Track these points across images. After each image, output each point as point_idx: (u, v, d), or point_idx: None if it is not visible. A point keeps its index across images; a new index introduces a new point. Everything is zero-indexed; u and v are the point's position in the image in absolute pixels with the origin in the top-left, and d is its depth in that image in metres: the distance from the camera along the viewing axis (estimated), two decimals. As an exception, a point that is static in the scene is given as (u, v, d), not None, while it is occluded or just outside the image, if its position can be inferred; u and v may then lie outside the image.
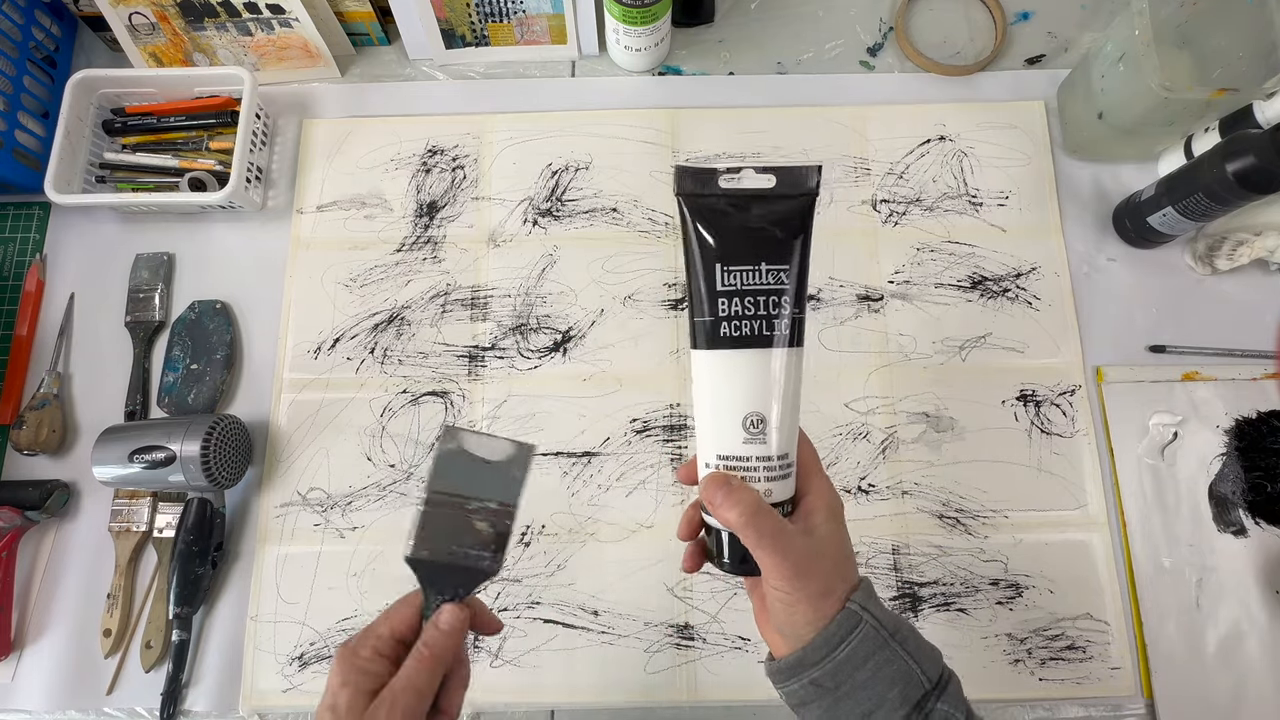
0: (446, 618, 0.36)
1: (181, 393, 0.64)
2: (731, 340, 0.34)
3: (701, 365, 0.36)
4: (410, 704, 0.34)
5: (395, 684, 0.34)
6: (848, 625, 0.34)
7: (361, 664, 0.35)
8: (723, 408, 0.35)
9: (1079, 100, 0.66)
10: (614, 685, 0.58)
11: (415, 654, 0.35)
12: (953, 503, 0.61)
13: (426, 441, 0.63)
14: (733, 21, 0.75)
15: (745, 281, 0.34)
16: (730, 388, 0.35)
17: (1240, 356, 0.63)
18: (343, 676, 0.34)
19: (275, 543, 0.61)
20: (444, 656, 0.36)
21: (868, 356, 0.64)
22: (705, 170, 0.35)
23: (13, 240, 0.69)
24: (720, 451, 0.35)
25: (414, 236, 0.68)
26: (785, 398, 0.35)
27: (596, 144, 0.70)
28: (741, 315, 0.34)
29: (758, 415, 0.34)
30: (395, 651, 0.36)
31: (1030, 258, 0.66)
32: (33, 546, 0.62)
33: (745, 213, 0.35)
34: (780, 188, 0.35)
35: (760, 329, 0.34)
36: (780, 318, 0.34)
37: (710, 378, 0.35)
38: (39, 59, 0.70)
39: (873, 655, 0.33)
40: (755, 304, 0.34)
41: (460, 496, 0.38)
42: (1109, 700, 0.57)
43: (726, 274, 0.34)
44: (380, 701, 0.34)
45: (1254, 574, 0.59)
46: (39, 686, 0.59)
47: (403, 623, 0.37)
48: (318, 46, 0.69)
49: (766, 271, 0.34)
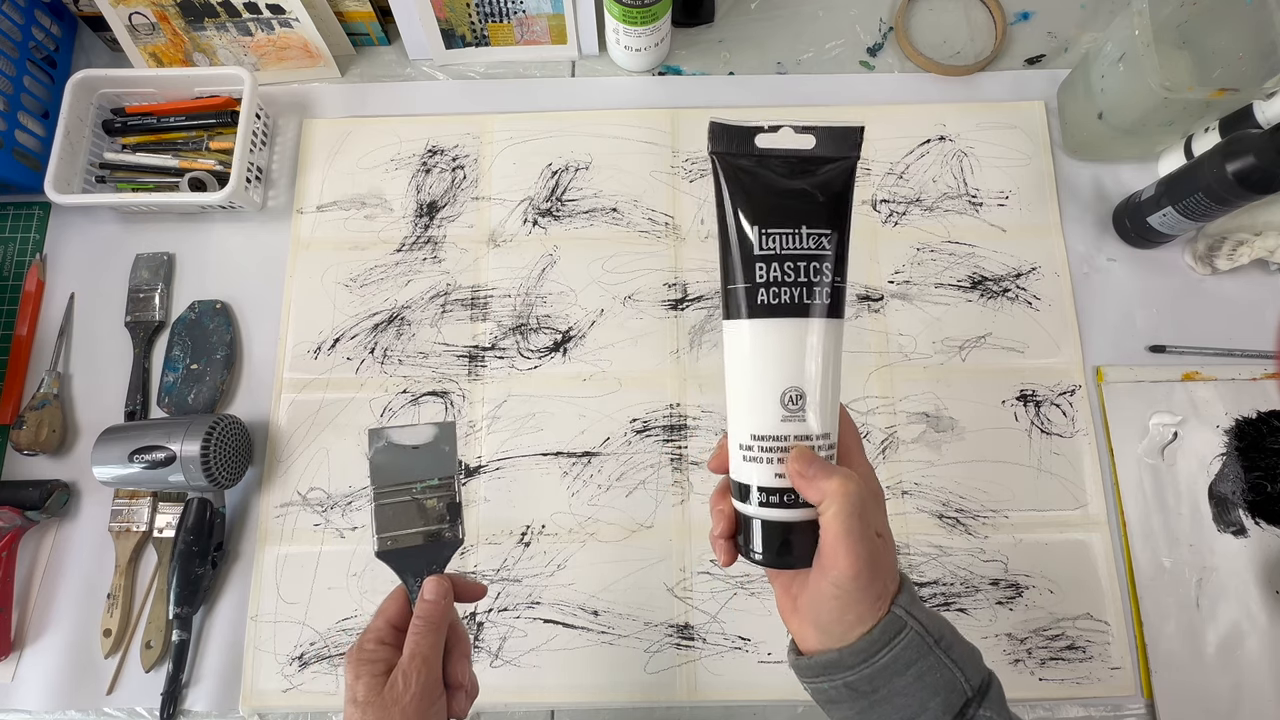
0: (430, 588, 0.40)
1: (181, 393, 0.64)
2: (769, 309, 0.31)
3: (736, 336, 0.33)
4: (421, 671, 0.37)
5: (403, 660, 0.37)
6: (892, 630, 0.32)
7: (367, 654, 0.38)
8: (759, 382, 0.32)
9: (1079, 100, 0.66)
10: (614, 685, 0.58)
11: (412, 628, 0.38)
12: (953, 503, 0.61)
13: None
14: (733, 21, 0.75)
15: (785, 246, 0.31)
16: (767, 361, 0.32)
17: (1240, 356, 0.63)
18: (355, 671, 0.37)
19: (275, 543, 0.61)
20: (438, 622, 0.39)
21: (868, 356, 0.64)
22: (742, 128, 0.32)
23: (13, 240, 0.69)
24: (756, 430, 0.32)
25: (414, 236, 0.68)
26: (827, 371, 0.32)
27: (596, 144, 0.70)
28: (781, 282, 0.31)
29: (797, 391, 0.32)
30: (395, 639, 0.39)
31: (1030, 258, 0.66)
32: (33, 546, 0.62)
33: (784, 174, 0.32)
34: (820, 149, 0.32)
35: (800, 296, 0.31)
36: (821, 285, 0.32)
37: (746, 349, 0.32)
38: (39, 59, 0.70)
39: (915, 663, 0.32)
40: (795, 270, 0.31)
41: (403, 485, 0.42)
42: (1109, 700, 0.57)
43: (765, 237, 0.31)
44: (394, 678, 0.37)
45: (1254, 574, 0.59)
46: (39, 686, 0.59)
47: (396, 612, 0.40)
48: (318, 46, 0.69)
49: (807, 236, 0.32)
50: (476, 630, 0.59)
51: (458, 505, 0.42)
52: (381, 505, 0.41)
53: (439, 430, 0.43)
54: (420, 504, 0.41)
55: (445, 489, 0.42)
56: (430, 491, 0.42)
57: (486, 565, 0.60)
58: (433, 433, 0.42)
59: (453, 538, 0.42)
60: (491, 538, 0.61)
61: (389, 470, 0.42)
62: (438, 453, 0.42)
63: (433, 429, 0.42)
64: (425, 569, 0.41)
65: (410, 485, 0.42)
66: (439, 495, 0.42)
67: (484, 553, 0.61)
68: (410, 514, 0.41)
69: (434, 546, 0.41)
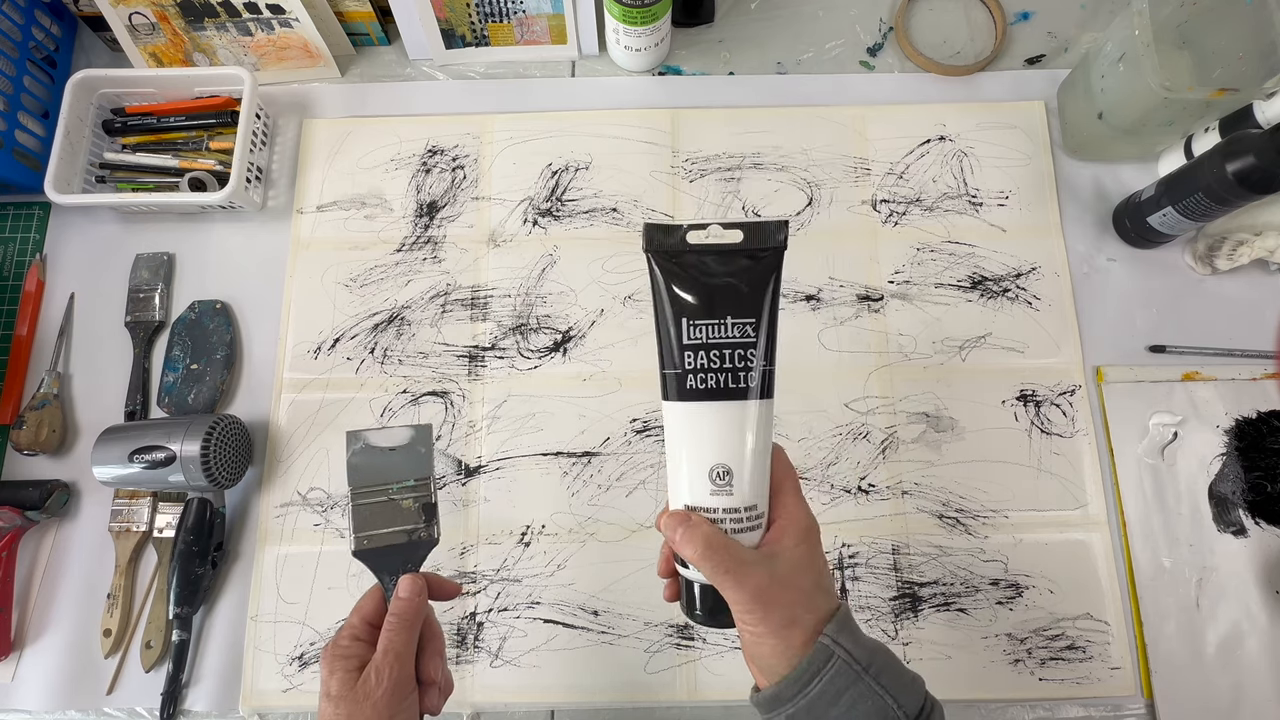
0: (404, 586, 0.40)
1: (181, 393, 0.64)
2: (698, 393, 0.35)
3: (670, 416, 0.36)
4: (393, 666, 0.38)
5: (376, 656, 0.38)
6: (820, 660, 0.33)
7: (341, 650, 0.39)
8: (690, 459, 0.35)
9: (1079, 100, 0.66)
10: (614, 685, 0.58)
11: (386, 624, 0.39)
12: (953, 503, 0.61)
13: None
14: (733, 21, 0.75)
15: (710, 335, 0.35)
16: (697, 439, 0.35)
17: (1240, 356, 0.63)
18: (329, 666, 0.38)
19: (275, 543, 0.61)
20: (412, 619, 0.40)
21: (868, 356, 0.64)
22: (671, 226, 0.36)
23: (13, 240, 0.69)
24: (689, 502, 0.36)
25: (414, 236, 0.68)
26: (754, 449, 0.35)
27: (596, 144, 0.70)
28: (708, 368, 0.34)
29: (724, 467, 0.35)
30: (370, 635, 0.40)
31: (1030, 258, 0.66)
32: (33, 546, 0.62)
33: (711, 268, 0.35)
34: (748, 242, 0.35)
35: (727, 381, 0.34)
36: (747, 370, 0.35)
37: (678, 429, 0.35)
38: (39, 59, 0.70)
39: (845, 691, 0.33)
40: (721, 357, 0.34)
41: (380, 486, 0.42)
42: (1109, 700, 0.57)
43: (692, 327, 0.35)
44: (367, 673, 0.37)
45: (1254, 574, 0.59)
46: (39, 686, 0.59)
47: (371, 609, 0.41)
48: (318, 46, 0.69)
49: (733, 325, 0.35)
50: (476, 630, 0.59)
51: (433, 506, 0.43)
52: (358, 505, 0.42)
53: (415, 433, 0.43)
54: (396, 504, 0.42)
55: (421, 490, 0.43)
56: (406, 492, 0.42)
57: (486, 565, 0.60)
58: (409, 435, 0.43)
59: (428, 537, 0.43)
60: (491, 538, 0.61)
61: (366, 471, 0.43)
62: (414, 454, 0.43)
63: (409, 431, 0.43)
64: (401, 567, 0.41)
65: (387, 486, 0.42)
66: (415, 496, 0.43)
67: (484, 553, 0.61)
68: (386, 514, 0.42)
69: (409, 546, 0.42)
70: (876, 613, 0.59)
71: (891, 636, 0.58)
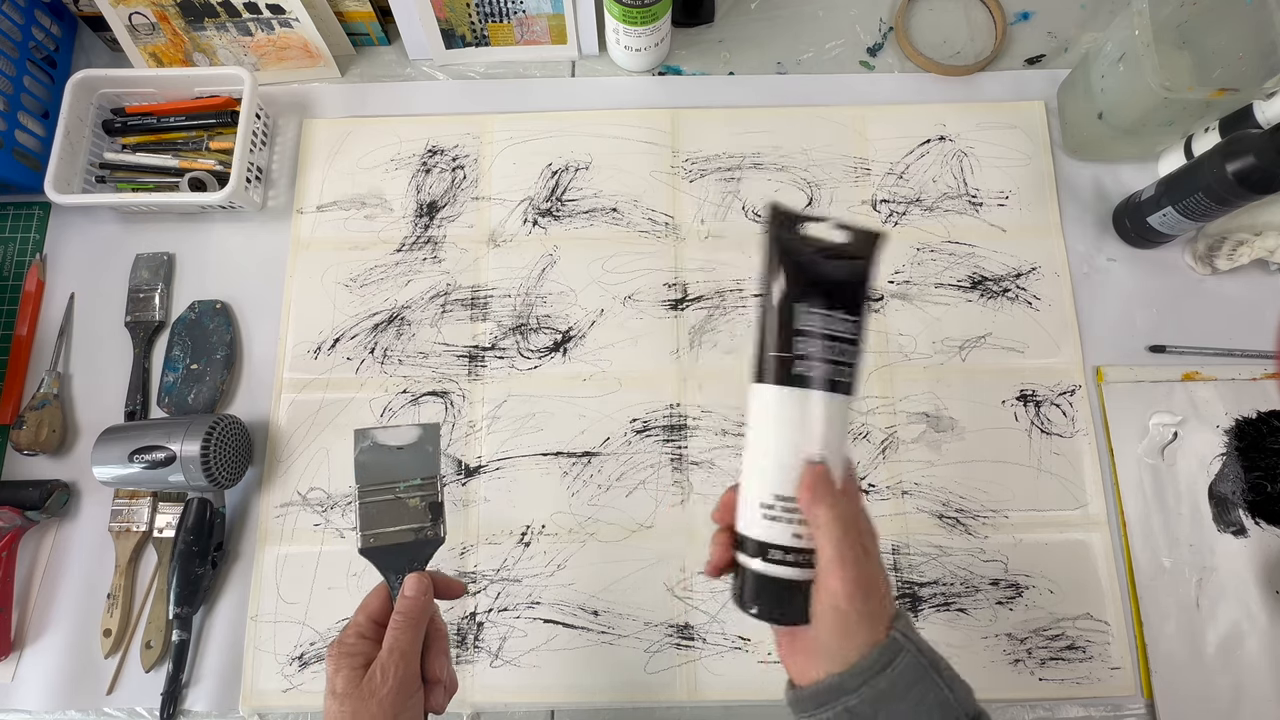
0: (410, 585, 0.41)
1: (181, 393, 0.64)
2: (804, 380, 0.34)
3: (768, 401, 0.35)
4: (399, 664, 0.38)
5: (381, 654, 0.38)
6: (891, 652, 0.33)
7: (347, 648, 0.39)
8: (785, 447, 0.35)
9: (1079, 100, 0.66)
10: (614, 685, 0.58)
11: (392, 623, 0.39)
12: (953, 503, 0.61)
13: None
14: (733, 21, 0.75)
15: (824, 326, 0.35)
16: (795, 429, 0.35)
17: (1240, 356, 0.63)
18: (335, 664, 0.38)
19: (275, 543, 0.61)
20: (418, 617, 0.40)
21: (868, 356, 0.64)
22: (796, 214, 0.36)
23: (13, 240, 0.69)
24: (780, 491, 0.35)
25: (414, 236, 0.68)
26: (843, 443, 0.35)
27: (596, 144, 0.70)
28: (818, 357, 0.34)
29: (820, 457, 0.35)
30: (376, 633, 0.40)
31: (1030, 258, 0.66)
32: (33, 546, 0.62)
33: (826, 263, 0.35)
34: (854, 247, 0.35)
35: (830, 374, 0.34)
36: (853, 367, 0.35)
37: (777, 415, 0.35)
38: (39, 59, 0.70)
39: (914, 685, 0.32)
40: (831, 349, 0.34)
41: (387, 484, 0.43)
42: (1109, 700, 0.57)
43: (808, 315, 0.34)
44: (372, 671, 0.37)
45: (1254, 574, 0.59)
46: (39, 686, 0.59)
47: (377, 608, 0.41)
48: (318, 46, 0.69)
49: (841, 320, 0.35)
50: (476, 630, 0.59)
51: (439, 505, 0.43)
52: (366, 503, 0.42)
53: (423, 431, 0.44)
54: (403, 503, 0.42)
55: (428, 488, 0.43)
56: (413, 491, 0.43)
57: (486, 565, 0.60)
58: (417, 434, 0.43)
59: (434, 536, 0.43)
60: (491, 538, 0.61)
61: (374, 469, 0.43)
62: (422, 453, 0.43)
63: (417, 430, 0.44)
64: (407, 566, 0.41)
65: (394, 484, 0.43)
66: (422, 494, 0.43)
67: (484, 553, 0.61)
68: (394, 512, 0.42)
69: (416, 544, 0.42)
70: (876, 613, 0.59)
71: (891, 636, 0.58)
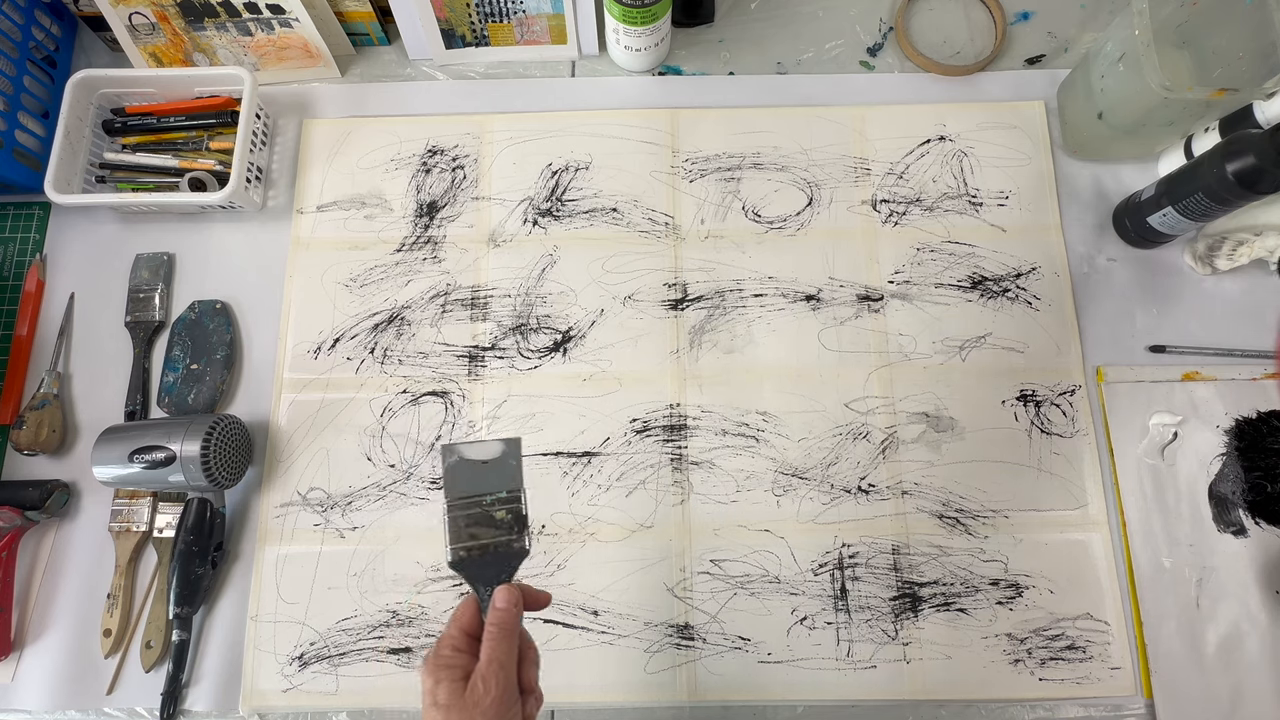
0: (501, 596, 0.41)
1: (181, 393, 0.64)
2: None
3: None
4: (499, 675, 0.39)
5: (480, 665, 0.39)
6: None
7: (444, 660, 0.39)
8: None
9: (1079, 100, 0.66)
10: (614, 685, 0.58)
11: (487, 634, 0.40)
12: (953, 503, 0.61)
13: (426, 441, 0.63)
14: (733, 21, 0.75)
15: None
16: None
17: (1240, 356, 0.63)
18: (434, 676, 0.39)
19: (275, 543, 0.61)
20: (511, 628, 0.40)
21: (868, 356, 0.64)
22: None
23: (13, 240, 0.69)
24: None
25: (414, 236, 0.68)
26: None
27: (596, 144, 0.70)
28: None
29: None
30: (469, 645, 0.40)
31: (1030, 258, 0.66)
32: (33, 546, 0.62)
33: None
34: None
35: None
36: None
37: None
38: (39, 59, 0.70)
39: None
40: None
41: (473, 497, 0.43)
42: (1109, 700, 0.57)
43: None
44: (474, 682, 0.38)
45: (1254, 574, 0.59)
46: (39, 686, 0.59)
47: (469, 620, 0.41)
48: (318, 46, 0.69)
49: None
50: (476, 630, 0.59)
51: (524, 517, 0.44)
52: (455, 517, 0.43)
53: (506, 446, 0.44)
54: (490, 515, 0.43)
55: (512, 501, 0.43)
56: (499, 504, 0.43)
57: (486, 565, 0.60)
58: (501, 448, 0.44)
59: (520, 548, 0.43)
60: (491, 538, 0.61)
61: (461, 483, 0.44)
62: (506, 467, 0.44)
63: (501, 445, 0.44)
64: (495, 578, 0.42)
65: (480, 498, 0.43)
66: (507, 507, 0.43)
67: (484, 553, 0.61)
68: (480, 524, 0.43)
69: (503, 556, 0.43)
70: (876, 613, 0.59)
71: (891, 637, 0.58)
